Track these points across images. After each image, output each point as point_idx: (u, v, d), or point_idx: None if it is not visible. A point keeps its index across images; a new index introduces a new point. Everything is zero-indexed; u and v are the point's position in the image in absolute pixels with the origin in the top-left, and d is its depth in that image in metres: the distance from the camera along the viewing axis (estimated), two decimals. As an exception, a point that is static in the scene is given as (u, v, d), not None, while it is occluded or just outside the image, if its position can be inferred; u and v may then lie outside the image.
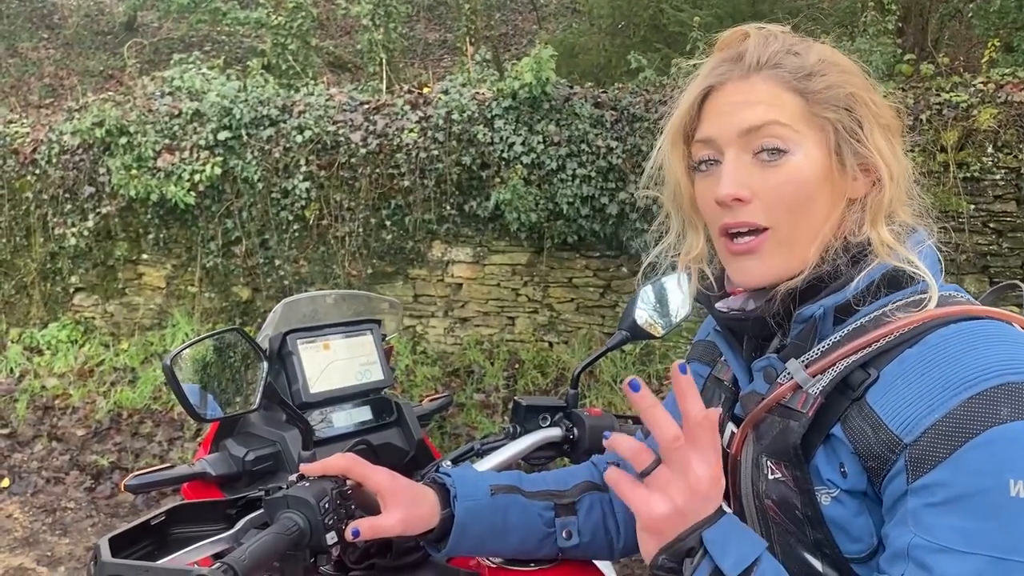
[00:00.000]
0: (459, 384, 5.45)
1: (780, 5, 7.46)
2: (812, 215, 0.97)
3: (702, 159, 1.02)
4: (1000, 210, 4.67)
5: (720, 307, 1.08)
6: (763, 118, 0.96)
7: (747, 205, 0.97)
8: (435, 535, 1.19)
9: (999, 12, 6.78)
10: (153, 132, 5.83)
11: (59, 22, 12.92)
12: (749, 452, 1.02)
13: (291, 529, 1.02)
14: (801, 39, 1.03)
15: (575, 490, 1.30)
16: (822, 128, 0.97)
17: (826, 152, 0.97)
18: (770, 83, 0.98)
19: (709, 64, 1.04)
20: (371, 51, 8.12)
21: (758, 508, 1.01)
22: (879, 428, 0.85)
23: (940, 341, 0.87)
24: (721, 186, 0.97)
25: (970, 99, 4.75)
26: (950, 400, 0.82)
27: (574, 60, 8.56)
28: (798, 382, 0.95)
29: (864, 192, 0.99)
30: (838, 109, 0.97)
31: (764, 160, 0.96)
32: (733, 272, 1.03)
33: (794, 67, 0.98)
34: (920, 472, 0.82)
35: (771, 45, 1.00)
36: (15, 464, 5.13)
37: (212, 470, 1.41)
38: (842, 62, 1.01)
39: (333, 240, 5.74)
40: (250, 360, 1.28)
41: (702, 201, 1.03)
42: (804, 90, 0.97)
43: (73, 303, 6.43)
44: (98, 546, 0.96)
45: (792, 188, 0.96)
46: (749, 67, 0.99)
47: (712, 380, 1.18)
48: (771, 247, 0.98)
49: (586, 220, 5.27)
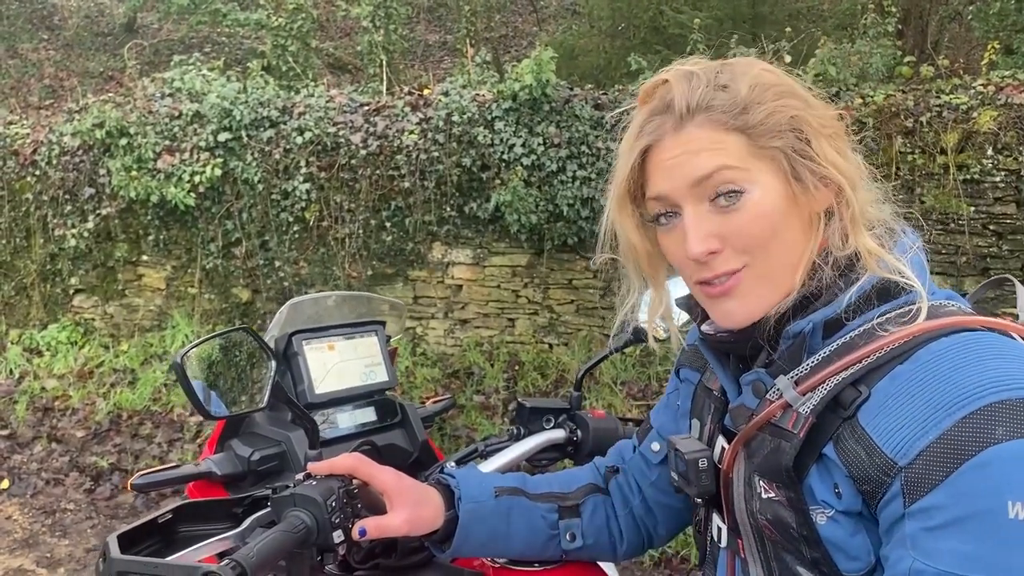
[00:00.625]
0: (459, 386, 5.45)
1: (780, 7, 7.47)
2: (787, 244, 0.95)
3: (659, 212, 0.99)
4: (1000, 212, 4.67)
5: (707, 330, 1.06)
6: (710, 166, 0.93)
7: (719, 255, 0.95)
8: (440, 536, 1.19)
9: (999, 14, 6.80)
10: (153, 133, 5.83)
11: (59, 23, 12.92)
12: (741, 470, 1.01)
13: (298, 527, 1.02)
14: (723, 65, 0.99)
15: (579, 492, 1.31)
16: (772, 158, 0.94)
17: (783, 179, 0.94)
18: (706, 128, 0.94)
19: (638, 120, 1.01)
20: (371, 53, 8.13)
21: (752, 526, 1.00)
22: (873, 452, 0.84)
23: (931, 358, 0.85)
24: (689, 245, 0.94)
25: (970, 101, 4.75)
26: (944, 421, 0.80)
27: (574, 62, 8.56)
28: (788, 401, 0.93)
29: (829, 202, 0.96)
30: (783, 134, 0.94)
31: (722, 205, 0.93)
32: (716, 316, 1.00)
33: (726, 105, 0.94)
34: (916, 496, 0.80)
35: (696, 87, 0.96)
36: (15, 465, 5.13)
37: (218, 470, 1.42)
38: (773, 81, 0.97)
39: (333, 241, 5.74)
40: (257, 359, 1.28)
41: (672, 256, 1.01)
42: (744, 127, 0.93)
43: (73, 304, 6.42)
44: (107, 543, 0.96)
45: (758, 225, 0.93)
46: (680, 116, 0.95)
47: (702, 388, 1.17)
48: (749, 284, 0.95)
49: (586, 222, 5.27)
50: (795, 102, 0.96)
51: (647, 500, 1.30)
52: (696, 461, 1.04)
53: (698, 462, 1.04)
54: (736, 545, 1.05)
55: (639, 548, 1.34)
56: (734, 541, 1.06)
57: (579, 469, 1.40)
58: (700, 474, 1.04)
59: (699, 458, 1.04)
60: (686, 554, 3.95)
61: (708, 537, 1.13)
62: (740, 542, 1.04)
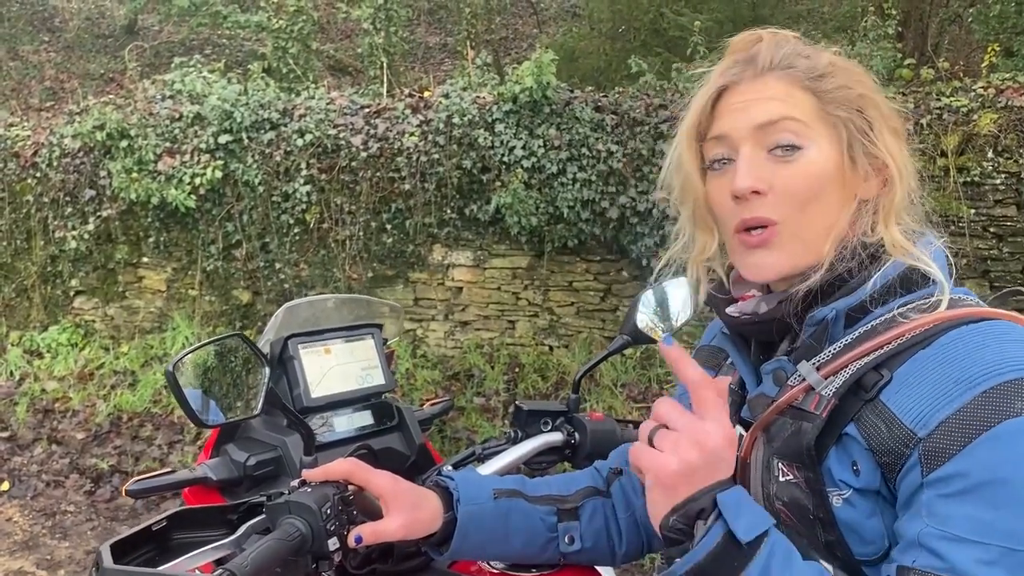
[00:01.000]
0: (459, 388, 5.45)
1: (781, 10, 7.48)
2: (822, 210, 0.98)
3: (716, 157, 1.03)
4: (1000, 215, 4.67)
5: (731, 311, 1.08)
6: (778, 113, 0.98)
7: (763, 199, 0.98)
8: (437, 539, 1.19)
9: (999, 17, 6.79)
10: (154, 135, 5.83)
11: (60, 25, 12.93)
12: (759, 455, 1.02)
13: (293, 535, 1.02)
14: (811, 45, 1.05)
15: (578, 495, 1.30)
16: (834, 126, 0.99)
17: (838, 150, 0.98)
18: (783, 82, 1.00)
19: (722, 65, 1.05)
20: (372, 55, 8.13)
21: (768, 511, 1.00)
22: (893, 424, 0.86)
23: (951, 341, 0.88)
24: (738, 179, 0.98)
25: (970, 104, 4.75)
26: (964, 394, 0.82)
27: (574, 64, 8.57)
28: (811, 384, 0.95)
29: (875, 192, 1.00)
30: (849, 109, 0.99)
31: (778, 156, 0.98)
32: (746, 267, 1.03)
33: (806, 68, 1.00)
34: (935, 465, 0.82)
35: (783, 48, 1.02)
36: (15, 467, 5.13)
37: (213, 475, 1.41)
38: (851, 66, 1.04)
39: (334, 243, 5.74)
40: (251, 365, 1.28)
41: (716, 198, 1.04)
42: (816, 89, 0.99)
43: (73, 306, 6.42)
44: (100, 552, 0.96)
45: (804, 182, 0.97)
46: (763, 67, 1.01)
47: None
48: (783, 240, 0.98)
49: (587, 224, 5.27)
50: (868, 84, 1.02)
51: None
52: None
53: None
54: None
55: (638, 551, 1.34)
56: None
57: (578, 472, 1.39)
58: None
59: None
60: (686, 557, 3.95)
61: None
62: None
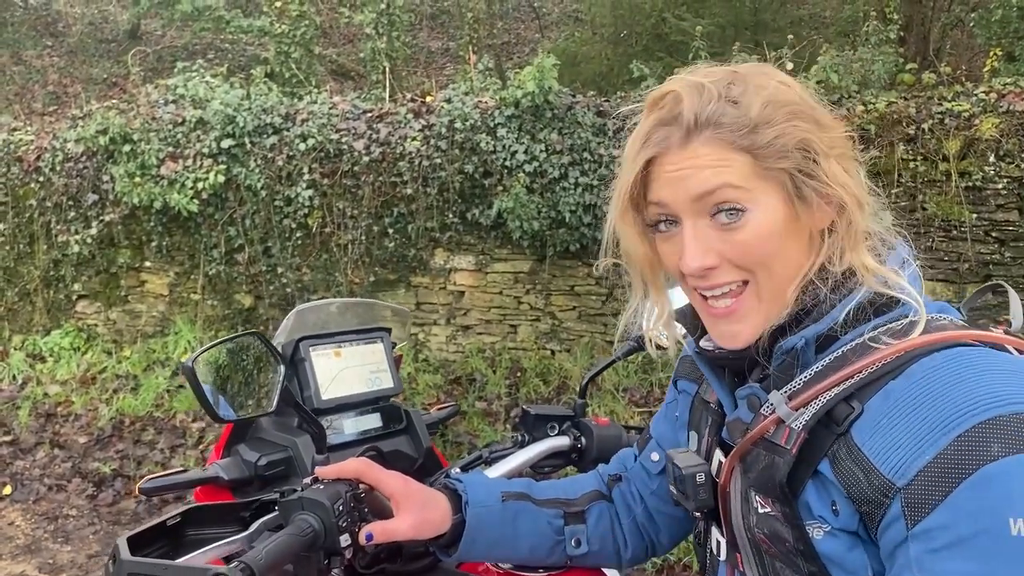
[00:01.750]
0: (461, 392, 5.45)
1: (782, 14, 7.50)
2: (786, 262, 0.95)
3: (659, 219, 0.98)
4: (1002, 219, 4.68)
5: (705, 346, 1.06)
6: (713, 183, 0.92)
7: (717, 269, 0.94)
8: (446, 540, 1.19)
9: (1000, 22, 6.81)
10: (157, 140, 5.85)
11: (63, 30, 12.97)
12: (737, 485, 1.01)
13: (306, 531, 1.03)
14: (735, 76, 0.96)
15: (584, 499, 1.31)
16: (776, 179, 0.92)
17: (785, 200, 0.93)
18: (712, 145, 0.92)
19: (644, 129, 0.98)
20: (374, 59, 8.16)
21: (750, 539, 1.01)
22: (870, 472, 0.83)
23: (924, 374, 0.85)
24: (686, 260, 0.94)
25: (972, 108, 4.77)
26: (940, 439, 0.79)
27: (576, 69, 8.59)
28: (780, 416, 0.93)
29: (830, 220, 0.96)
30: (790, 155, 0.92)
31: (723, 222, 0.93)
32: (718, 336, 1.00)
33: (736, 123, 0.92)
34: (918, 517, 0.80)
35: (705, 100, 0.93)
36: (17, 471, 5.13)
37: (224, 474, 1.42)
38: (787, 99, 0.95)
39: (336, 248, 5.75)
40: (265, 364, 1.29)
41: (670, 265, 1.00)
42: (751, 147, 0.92)
43: (76, 310, 6.44)
44: (117, 545, 0.97)
45: (758, 245, 0.93)
46: (688, 130, 0.93)
47: (699, 400, 1.18)
48: (751, 304, 0.95)
49: (588, 228, 5.28)
50: (807, 124, 0.94)
51: (649, 509, 1.31)
52: (693, 476, 1.04)
53: (695, 476, 1.04)
54: (735, 559, 1.06)
55: (643, 555, 1.35)
56: (733, 555, 1.06)
57: (584, 476, 1.40)
58: (697, 488, 1.04)
59: (696, 473, 1.04)
60: (688, 561, 3.95)
61: (708, 549, 1.13)
62: (739, 556, 1.05)
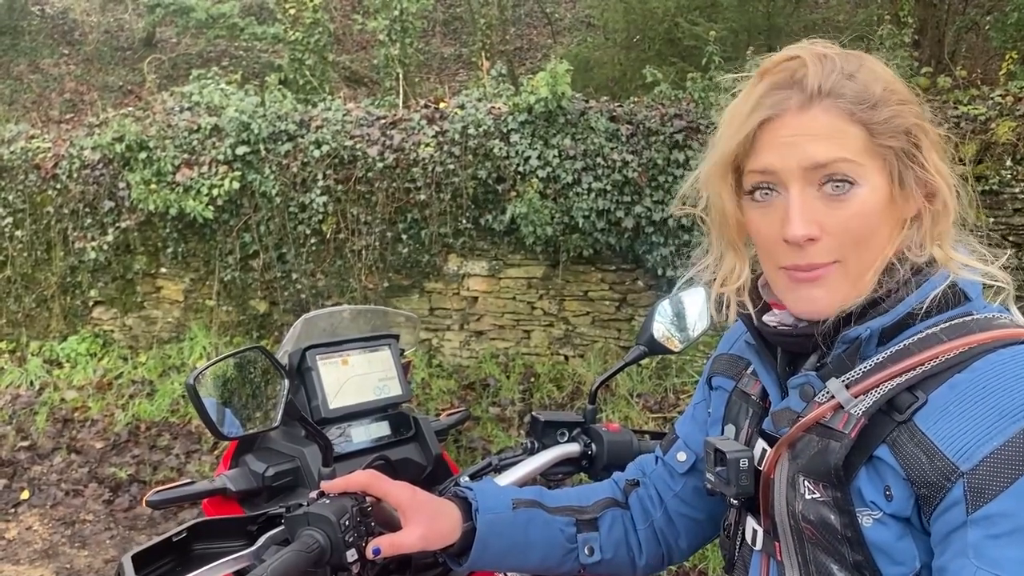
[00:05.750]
0: (475, 397, 5.45)
1: (796, 18, 7.46)
2: (877, 245, 0.95)
3: (758, 186, 0.97)
4: (1019, 223, 4.64)
5: (769, 320, 1.05)
6: (829, 155, 0.92)
7: (816, 243, 0.93)
8: (456, 549, 1.18)
9: (1016, 24, 6.75)
10: (172, 147, 5.88)
11: (80, 38, 13.08)
12: (784, 471, 1.00)
13: (312, 547, 1.03)
14: (850, 55, 0.98)
15: (597, 506, 1.29)
16: (884, 157, 0.94)
17: (888, 180, 0.94)
18: (831, 114, 0.92)
19: (757, 92, 0.97)
20: (387, 66, 8.19)
21: (793, 527, 0.99)
22: (934, 455, 0.83)
23: (991, 368, 0.85)
24: (791, 226, 0.93)
25: (988, 112, 4.73)
26: (1009, 428, 0.80)
27: (589, 74, 8.58)
28: (840, 402, 0.92)
29: (917, 210, 0.97)
30: (899, 136, 0.94)
31: (830, 193, 0.93)
32: (795, 301, 0.98)
33: (856, 96, 0.93)
34: (980, 502, 0.80)
35: (829, 69, 0.94)
36: (35, 476, 5.17)
37: (232, 486, 1.42)
38: (899, 88, 0.97)
39: (350, 254, 5.77)
40: (270, 377, 1.29)
41: (760, 231, 0.99)
42: (868, 121, 0.92)
43: (92, 316, 6.48)
44: (122, 564, 0.97)
45: (859, 221, 0.93)
46: (810, 96, 0.93)
47: (738, 394, 1.15)
48: (838, 278, 0.95)
49: (602, 234, 5.27)
50: (915, 107, 0.97)
51: (669, 512, 1.29)
52: (737, 461, 1.03)
53: (739, 462, 1.03)
54: (772, 548, 1.04)
55: (659, 563, 1.32)
56: (770, 544, 1.05)
57: (598, 484, 1.38)
58: (740, 474, 1.03)
59: (740, 458, 1.03)
60: (704, 567, 3.93)
61: (738, 541, 1.12)
62: (777, 545, 1.03)
